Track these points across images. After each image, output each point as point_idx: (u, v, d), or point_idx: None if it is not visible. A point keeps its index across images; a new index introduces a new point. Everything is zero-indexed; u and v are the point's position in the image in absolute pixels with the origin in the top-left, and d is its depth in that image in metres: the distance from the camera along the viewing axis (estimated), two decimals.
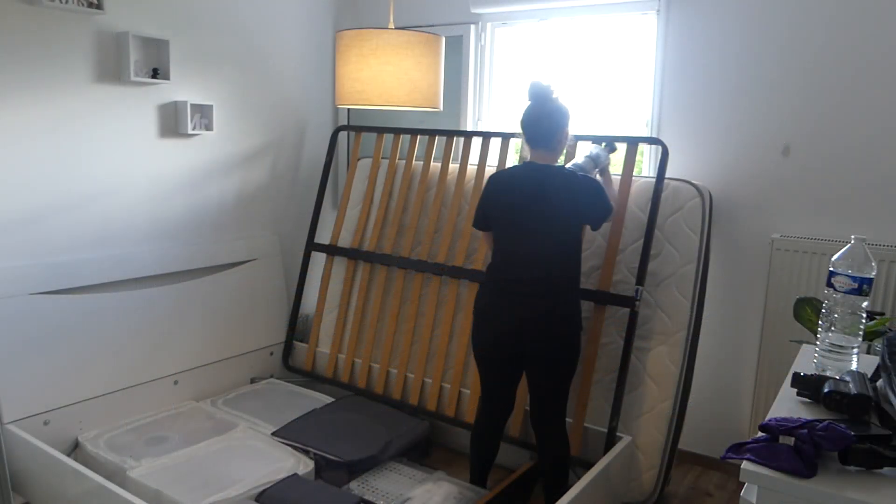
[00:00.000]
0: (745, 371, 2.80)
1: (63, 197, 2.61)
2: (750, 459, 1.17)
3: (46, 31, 2.47)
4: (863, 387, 1.30)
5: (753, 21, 2.63)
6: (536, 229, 2.17)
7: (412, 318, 3.05)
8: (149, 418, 2.81)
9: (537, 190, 2.16)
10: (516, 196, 2.19)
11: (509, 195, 2.21)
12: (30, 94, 2.46)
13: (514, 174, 2.24)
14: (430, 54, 2.53)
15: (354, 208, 3.42)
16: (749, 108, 2.68)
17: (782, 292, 2.58)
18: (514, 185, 2.21)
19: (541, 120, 2.18)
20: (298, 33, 3.48)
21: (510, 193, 2.21)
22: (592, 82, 3.15)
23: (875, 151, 2.47)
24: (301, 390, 3.21)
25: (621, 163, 2.64)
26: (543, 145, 2.20)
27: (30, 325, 2.49)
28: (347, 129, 3.52)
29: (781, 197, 2.66)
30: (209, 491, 2.25)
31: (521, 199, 2.18)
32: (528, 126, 2.20)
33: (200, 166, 3.09)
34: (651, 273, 2.61)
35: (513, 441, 2.71)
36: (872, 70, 2.44)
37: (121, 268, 2.78)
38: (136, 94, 2.79)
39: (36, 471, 2.33)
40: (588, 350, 2.58)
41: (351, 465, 2.52)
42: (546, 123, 2.18)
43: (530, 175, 2.19)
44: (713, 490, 2.76)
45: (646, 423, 2.53)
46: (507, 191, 2.22)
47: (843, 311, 1.44)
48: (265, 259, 3.40)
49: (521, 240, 2.19)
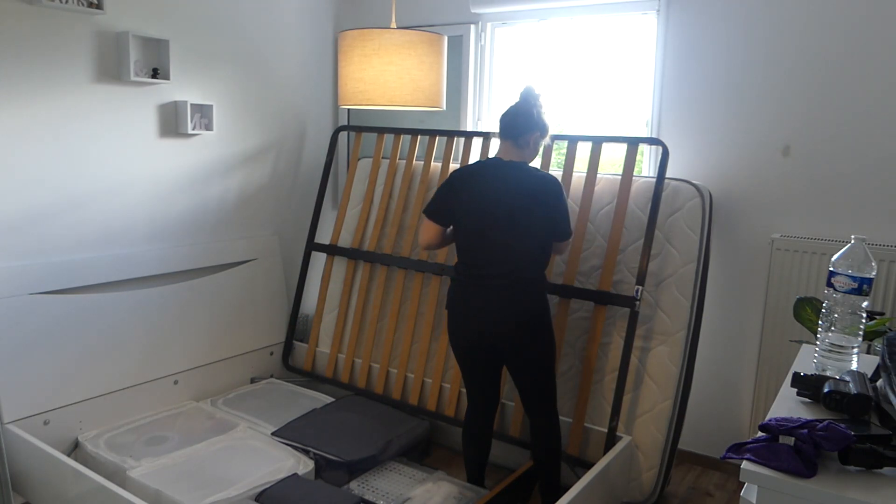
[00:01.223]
0: (745, 371, 2.80)
1: (63, 197, 2.61)
2: (750, 459, 1.17)
3: (46, 30, 2.47)
4: (863, 387, 1.30)
5: (753, 21, 2.63)
6: (507, 224, 2.18)
7: (412, 318, 3.05)
8: (149, 418, 2.81)
9: (505, 184, 2.19)
10: (485, 190, 2.20)
11: (477, 189, 2.22)
12: (30, 94, 2.46)
13: (481, 168, 2.26)
14: (433, 54, 2.53)
15: (354, 208, 3.42)
16: (749, 108, 2.68)
17: (782, 292, 2.58)
18: (482, 179, 2.23)
19: (518, 116, 2.23)
20: (299, 33, 3.48)
21: (478, 188, 2.22)
22: (592, 82, 3.15)
23: (875, 151, 2.47)
24: (301, 390, 3.21)
25: (622, 163, 2.64)
26: (513, 138, 2.24)
27: (30, 325, 2.49)
28: (348, 130, 3.52)
29: (781, 197, 2.66)
30: (209, 491, 2.25)
31: (491, 193, 2.19)
32: (505, 117, 2.25)
33: (200, 166, 3.09)
34: (651, 273, 2.61)
35: (513, 441, 2.71)
36: (873, 70, 2.44)
37: (120, 268, 2.78)
38: (136, 93, 2.79)
39: (36, 471, 2.33)
40: (588, 350, 2.58)
41: (351, 465, 2.52)
42: (522, 121, 2.23)
43: (498, 169, 2.22)
44: (713, 490, 2.76)
45: (646, 423, 2.54)
46: (475, 185, 2.23)
47: (843, 311, 1.44)
48: (265, 259, 3.40)
49: (492, 234, 2.19)
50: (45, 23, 2.47)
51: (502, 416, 2.78)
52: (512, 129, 2.24)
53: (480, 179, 2.23)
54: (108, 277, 2.74)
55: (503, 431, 2.77)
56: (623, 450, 2.43)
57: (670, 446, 2.54)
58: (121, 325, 2.77)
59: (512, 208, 2.17)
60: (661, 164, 2.54)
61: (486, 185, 2.21)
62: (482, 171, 2.25)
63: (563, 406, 2.72)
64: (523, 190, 2.18)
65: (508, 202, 2.18)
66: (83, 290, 2.67)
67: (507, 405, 2.78)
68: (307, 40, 3.53)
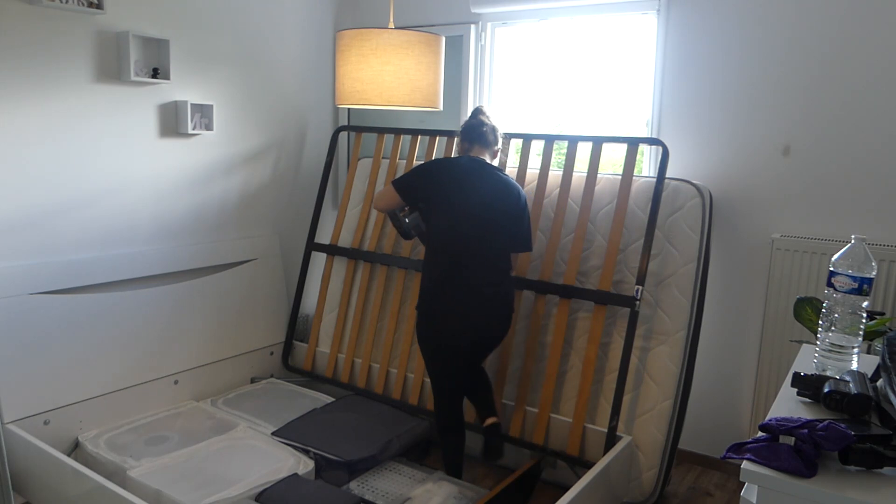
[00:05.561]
0: (745, 371, 2.80)
1: (62, 197, 2.61)
2: (750, 459, 1.17)
3: (46, 31, 2.47)
4: (863, 387, 1.30)
5: (753, 21, 2.63)
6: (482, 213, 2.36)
7: (412, 318, 3.05)
8: (149, 418, 2.81)
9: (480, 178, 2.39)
10: (461, 180, 2.38)
11: (454, 179, 2.39)
12: (30, 94, 2.46)
13: (458, 163, 2.43)
14: (431, 54, 2.53)
15: (355, 208, 3.42)
16: (749, 108, 2.68)
17: (782, 292, 2.58)
18: (460, 170, 2.40)
19: (485, 125, 2.51)
20: (299, 33, 3.48)
21: (455, 177, 2.38)
22: (593, 82, 3.15)
23: (875, 151, 2.47)
24: (301, 390, 3.21)
25: (622, 163, 2.64)
26: (486, 145, 2.50)
27: (30, 325, 2.49)
28: (348, 130, 3.52)
29: (781, 197, 2.66)
30: (209, 491, 2.25)
31: (465, 181, 2.38)
32: (475, 128, 2.50)
33: (200, 166, 3.09)
34: (651, 273, 2.61)
35: (513, 441, 2.71)
36: (873, 70, 2.44)
37: (120, 268, 2.78)
38: (136, 93, 2.79)
39: (36, 471, 2.33)
40: (588, 350, 2.58)
41: (351, 465, 2.52)
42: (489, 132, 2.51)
43: (475, 164, 2.43)
44: (713, 490, 2.76)
45: (646, 422, 2.54)
46: (453, 175, 2.39)
47: (844, 311, 1.44)
48: (265, 259, 3.40)
49: (467, 222, 2.36)
50: (45, 23, 2.47)
51: (502, 416, 2.78)
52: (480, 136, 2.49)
53: (458, 173, 2.39)
54: (107, 277, 2.74)
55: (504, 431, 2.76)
56: (623, 450, 2.43)
57: (670, 446, 2.54)
58: (121, 325, 2.77)
59: (494, 210, 2.37)
60: (661, 164, 2.55)
61: (462, 178, 2.38)
62: (467, 169, 2.41)
63: (563, 406, 2.72)
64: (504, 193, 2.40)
65: (490, 203, 2.37)
66: (83, 290, 2.67)
67: (506, 405, 2.78)
68: (308, 40, 3.53)
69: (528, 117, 3.35)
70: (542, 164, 2.80)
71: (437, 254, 2.39)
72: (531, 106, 3.34)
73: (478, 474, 2.79)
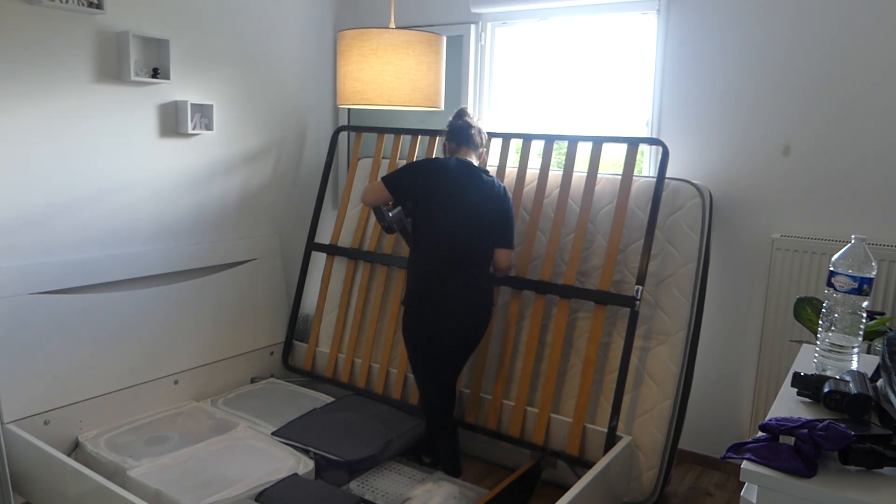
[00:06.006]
0: (745, 371, 2.80)
1: (62, 197, 2.61)
2: (750, 459, 1.17)
3: (46, 31, 2.47)
4: (863, 387, 1.30)
5: (753, 21, 2.63)
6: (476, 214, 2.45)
7: None
8: (149, 418, 2.81)
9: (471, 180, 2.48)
10: (455, 181, 2.45)
11: (448, 180, 2.45)
12: (30, 94, 2.46)
13: (448, 164, 2.48)
14: (431, 54, 2.53)
15: (355, 208, 3.42)
16: (749, 108, 2.68)
17: (782, 292, 2.58)
18: (452, 172, 2.47)
19: (472, 126, 2.59)
20: (299, 33, 3.48)
21: (449, 179, 2.46)
22: (593, 82, 3.15)
23: (875, 151, 2.47)
24: (301, 390, 3.21)
25: (622, 163, 2.64)
26: (473, 147, 2.59)
27: (30, 325, 2.49)
28: (348, 130, 3.52)
29: (781, 197, 2.66)
30: (209, 491, 2.25)
31: (457, 183, 2.45)
32: (463, 130, 2.58)
33: (200, 166, 3.09)
34: (651, 273, 2.61)
35: (513, 441, 2.71)
36: (873, 70, 2.44)
37: (121, 267, 2.78)
38: (136, 93, 2.79)
39: (36, 471, 2.33)
40: (588, 350, 2.58)
41: (351, 465, 2.52)
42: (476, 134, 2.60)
43: (463, 166, 2.50)
44: (713, 490, 2.76)
45: (646, 422, 2.53)
46: (447, 176, 2.47)
47: (844, 311, 1.44)
48: (265, 259, 3.40)
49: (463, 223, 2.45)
50: (46, 23, 2.47)
51: (502, 416, 2.78)
52: (468, 139, 2.58)
53: (449, 173, 2.46)
54: (107, 277, 2.74)
55: (503, 431, 2.77)
56: (623, 450, 2.43)
57: (670, 446, 2.54)
58: (121, 325, 2.77)
59: (487, 210, 2.47)
60: (661, 164, 2.55)
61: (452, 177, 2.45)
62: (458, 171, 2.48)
63: (563, 406, 2.72)
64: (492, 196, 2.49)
65: (483, 203, 2.46)
66: (83, 290, 2.67)
67: (505, 405, 2.78)
68: (308, 40, 3.53)
69: (528, 117, 3.35)
70: (542, 164, 2.80)
71: (429, 251, 2.46)
72: (531, 106, 3.34)
73: (478, 474, 2.80)
